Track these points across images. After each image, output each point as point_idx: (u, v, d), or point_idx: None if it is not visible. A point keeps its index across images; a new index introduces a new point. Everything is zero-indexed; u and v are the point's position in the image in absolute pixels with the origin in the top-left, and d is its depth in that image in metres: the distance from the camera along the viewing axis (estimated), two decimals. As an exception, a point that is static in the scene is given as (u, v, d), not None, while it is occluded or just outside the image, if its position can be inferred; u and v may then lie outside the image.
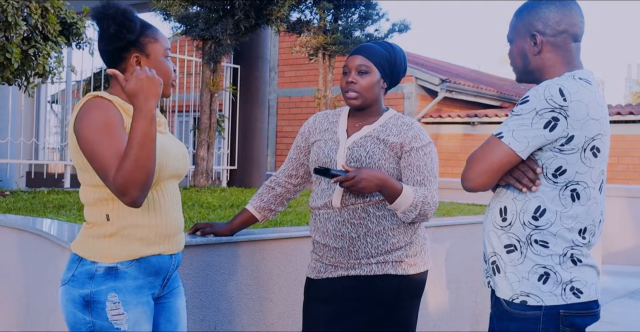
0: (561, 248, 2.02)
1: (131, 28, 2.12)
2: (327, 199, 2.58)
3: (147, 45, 2.19)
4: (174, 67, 2.29)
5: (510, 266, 2.06)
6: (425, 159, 2.57)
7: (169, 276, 2.27)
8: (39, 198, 5.01)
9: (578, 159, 1.99)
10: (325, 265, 2.62)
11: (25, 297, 3.37)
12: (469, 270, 4.71)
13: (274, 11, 6.20)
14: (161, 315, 2.28)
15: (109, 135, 2.00)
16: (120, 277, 2.10)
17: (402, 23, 7.29)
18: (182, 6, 6.40)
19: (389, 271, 2.56)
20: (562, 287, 2.01)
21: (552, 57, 2.12)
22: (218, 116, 6.77)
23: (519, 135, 1.97)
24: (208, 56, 6.42)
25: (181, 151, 2.30)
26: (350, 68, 2.60)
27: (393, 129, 2.60)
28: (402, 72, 2.68)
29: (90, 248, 2.12)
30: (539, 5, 2.13)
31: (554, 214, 2.01)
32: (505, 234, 2.08)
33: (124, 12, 2.11)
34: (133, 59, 2.18)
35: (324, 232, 2.60)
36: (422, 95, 13.54)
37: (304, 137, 2.77)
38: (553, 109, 1.95)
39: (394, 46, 2.66)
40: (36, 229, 3.26)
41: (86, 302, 2.07)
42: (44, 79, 5.37)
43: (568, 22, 2.10)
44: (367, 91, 2.58)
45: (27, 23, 4.84)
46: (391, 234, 2.56)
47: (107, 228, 2.11)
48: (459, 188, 2.13)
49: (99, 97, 2.10)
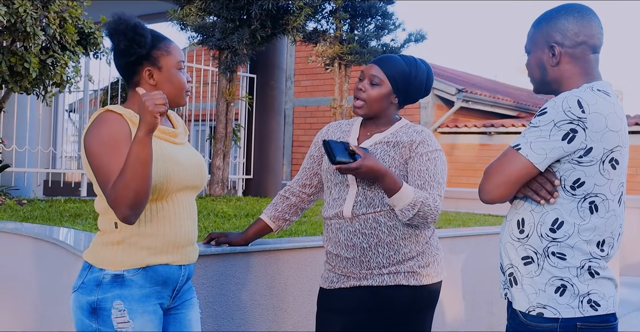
0: (579, 260, 2.00)
1: (141, 43, 2.15)
2: (338, 209, 2.57)
3: (159, 58, 2.22)
4: (189, 78, 2.30)
5: (527, 278, 2.04)
6: (428, 164, 2.53)
7: (179, 287, 2.26)
8: (56, 207, 5.04)
9: (597, 171, 1.98)
10: (338, 275, 2.60)
11: (41, 306, 3.38)
12: (485, 281, 4.67)
13: (291, 21, 6.22)
14: (172, 326, 2.28)
15: (112, 150, 2.04)
16: (126, 285, 2.11)
17: (419, 33, 7.29)
18: (198, 16, 6.44)
19: (400, 282, 2.54)
20: (580, 300, 1.99)
21: (571, 69, 2.10)
22: (234, 125, 6.79)
23: (536, 147, 1.95)
24: (224, 66, 6.45)
25: (196, 162, 2.29)
26: (364, 76, 2.60)
27: (404, 136, 2.59)
28: (421, 92, 2.63)
29: (98, 255, 2.14)
30: (557, 16, 2.11)
31: (572, 226, 1.99)
32: (522, 246, 2.06)
33: (134, 28, 2.13)
34: (145, 72, 2.21)
35: (336, 242, 2.59)
36: (438, 105, 13.51)
37: (317, 147, 2.77)
38: (571, 121, 1.93)
39: (420, 65, 2.61)
40: (52, 238, 3.28)
41: (93, 309, 2.09)
42: (62, 88, 5.41)
43: (587, 34, 2.08)
44: (373, 102, 2.56)
45: (46, 33, 4.89)
46: (402, 244, 2.54)
47: (114, 236, 2.13)
48: (475, 198, 2.12)
49: (110, 111, 2.14)
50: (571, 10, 2.10)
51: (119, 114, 2.14)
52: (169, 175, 2.15)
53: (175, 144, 2.25)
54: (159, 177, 2.12)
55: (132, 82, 2.24)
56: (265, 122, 8.40)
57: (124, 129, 2.10)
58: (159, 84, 2.22)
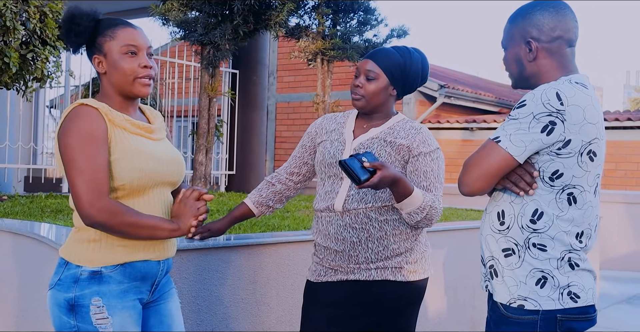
0: (559, 252, 2.02)
1: (78, 31, 2.11)
2: (330, 202, 2.57)
3: (104, 45, 2.15)
4: (146, 63, 2.16)
5: (508, 270, 2.06)
6: (433, 165, 2.55)
7: (158, 281, 2.24)
8: (37, 202, 5.01)
9: (575, 163, 1.99)
10: (326, 268, 2.61)
11: (22, 302, 3.36)
12: (467, 275, 4.71)
13: (273, 16, 6.20)
14: (153, 318, 2.26)
15: (89, 145, 2.01)
16: (104, 282, 2.08)
17: (401, 28, 7.30)
18: (181, 11, 6.40)
19: (387, 277, 2.54)
20: (560, 292, 2.01)
21: (548, 63, 2.12)
22: (217, 121, 6.76)
23: (516, 140, 1.97)
24: (207, 61, 6.42)
25: (175, 158, 2.26)
26: (360, 71, 2.60)
27: (401, 132, 2.58)
28: (418, 81, 2.63)
29: (75, 252, 2.11)
30: (533, 11, 2.12)
31: (551, 218, 2.01)
32: (503, 237, 2.07)
33: (71, 17, 2.11)
34: (94, 60, 2.17)
35: (326, 235, 2.59)
36: (420, 100, 13.55)
37: (310, 137, 2.76)
38: (550, 113, 1.95)
39: (413, 54, 2.61)
40: (33, 234, 3.26)
41: (71, 306, 2.07)
42: (42, 83, 5.37)
43: (563, 28, 2.10)
44: (372, 97, 2.57)
45: (26, 27, 4.84)
46: (392, 240, 2.54)
47: (91, 233, 2.10)
48: (457, 193, 2.12)
49: (85, 105, 2.09)
50: (546, 5, 2.11)
51: (94, 108, 2.09)
52: (144, 170, 2.11)
53: (151, 140, 2.21)
54: (133, 172, 2.09)
55: (97, 73, 2.21)
56: (247, 118, 8.38)
57: (100, 125, 2.06)
58: (108, 72, 2.15)
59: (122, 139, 2.10)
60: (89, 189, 1.98)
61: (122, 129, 2.12)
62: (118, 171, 2.07)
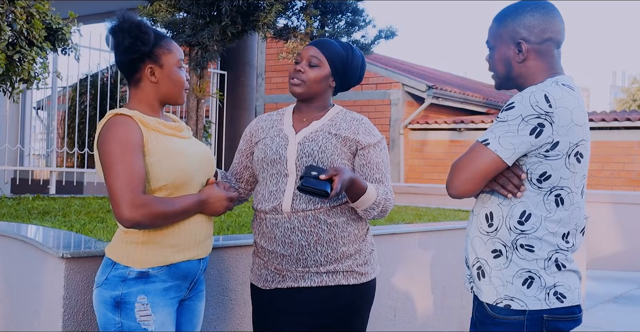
0: (546, 252, 2.03)
1: (145, 40, 2.22)
2: (277, 203, 2.47)
3: (161, 56, 2.29)
4: (187, 76, 2.39)
5: (495, 270, 2.06)
6: (382, 156, 2.53)
7: (196, 279, 2.36)
8: (24, 204, 4.98)
9: (563, 164, 2.00)
10: (272, 272, 2.52)
11: (9, 304, 3.35)
12: (455, 275, 4.73)
13: (261, 17, 6.20)
14: (184, 316, 2.38)
15: (130, 151, 2.12)
16: (150, 281, 2.20)
17: (389, 29, 7.32)
18: (168, 12, 6.39)
19: (340, 282, 2.48)
20: (546, 292, 2.02)
21: (537, 65, 2.11)
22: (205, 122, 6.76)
23: (505, 142, 1.97)
24: (195, 62, 6.41)
25: (206, 154, 2.40)
26: (302, 58, 2.55)
27: (343, 123, 2.53)
28: (356, 78, 2.62)
29: (123, 254, 2.22)
30: (523, 12, 2.10)
31: (538, 219, 2.02)
32: (491, 239, 2.08)
33: (138, 26, 2.22)
34: (147, 69, 2.28)
35: (271, 239, 2.49)
36: (409, 101, 13.58)
37: (245, 140, 2.70)
38: (539, 115, 1.94)
39: (355, 51, 2.60)
40: (20, 235, 3.24)
41: (117, 303, 2.18)
42: (29, 84, 5.34)
43: (553, 30, 2.09)
44: (312, 83, 2.52)
45: (12, 28, 4.82)
46: (341, 242, 2.48)
47: (140, 236, 2.21)
48: (445, 194, 2.13)
49: (120, 114, 2.21)
50: (537, 6, 2.10)
51: (128, 116, 2.21)
52: (184, 169, 2.23)
53: (183, 138, 2.34)
54: (174, 171, 2.20)
55: (133, 79, 2.31)
56: (236, 119, 8.37)
57: (136, 132, 2.18)
58: (160, 81, 2.30)
59: (158, 141, 2.23)
60: (125, 193, 2.08)
61: (157, 132, 2.25)
62: (159, 171, 2.19)
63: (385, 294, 4.17)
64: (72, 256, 2.64)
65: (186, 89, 2.37)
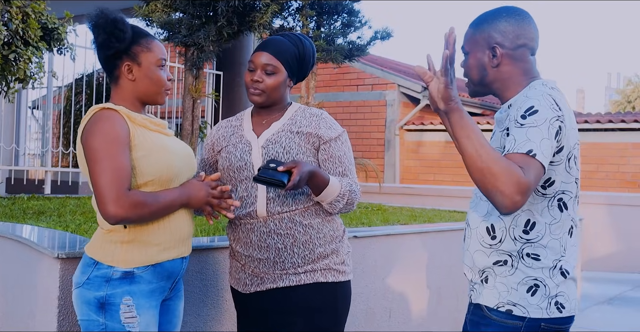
0: (551, 260, 2.00)
1: (120, 37, 2.18)
2: (251, 208, 2.45)
3: (139, 54, 2.25)
4: (170, 76, 2.33)
5: (500, 277, 2.04)
6: (344, 149, 2.50)
7: (178, 279, 2.33)
8: (19, 204, 4.97)
9: (563, 169, 1.98)
10: (250, 276, 2.49)
11: (4, 304, 3.34)
12: (450, 276, 4.73)
13: (257, 18, 6.20)
14: (164, 316, 2.34)
15: (110, 148, 2.08)
16: (135, 282, 2.16)
17: (385, 30, 7.34)
18: (164, 12, 6.39)
19: (318, 279, 2.45)
20: (548, 301, 2.00)
21: (511, 70, 2.09)
22: (200, 122, 6.75)
23: (545, 149, 1.84)
24: (190, 62, 6.41)
25: (188, 152, 2.37)
26: (256, 66, 2.47)
27: (303, 120, 2.50)
28: (310, 67, 2.58)
29: (107, 253, 2.17)
30: (498, 18, 2.09)
31: (543, 227, 1.99)
32: (495, 251, 2.04)
33: (113, 22, 2.17)
34: (125, 67, 2.24)
35: (247, 244, 2.47)
36: (404, 102, 13.60)
37: (207, 149, 2.64)
38: (557, 118, 1.89)
39: (304, 41, 2.54)
40: (16, 235, 3.23)
41: (101, 304, 2.13)
42: (25, 84, 5.34)
43: (527, 36, 2.08)
44: (272, 91, 2.47)
45: (8, 28, 4.81)
46: (317, 243, 2.46)
47: (124, 235, 2.17)
48: (442, 195, 2.14)
49: (106, 109, 2.17)
50: (511, 12, 2.09)
51: (115, 110, 2.17)
52: (171, 165, 2.21)
53: (167, 135, 2.32)
54: (161, 166, 2.18)
55: (113, 76, 2.28)
56: (231, 120, 8.36)
57: (122, 127, 2.15)
58: (138, 79, 2.26)
59: (145, 137, 2.20)
60: (111, 190, 2.04)
61: (143, 128, 2.22)
62: (145, 167, 2.16)
63: (381, 294, 4.18)
64: (67, 256, 2.64)
65: (167, 89, 2.31)
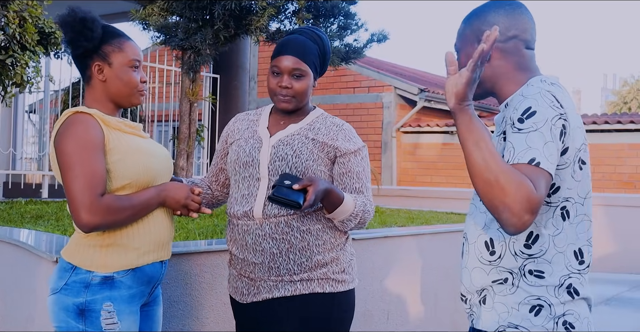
0: (557, 278, 1.79)
1: (88, 36, 2.13)
2: (248, 208, 2.36)
3: (110, 54, 2.20)
4: (144, 77, 2.27)
5: (500, 296, 1.83)
6: (363, 164, 2.42)
7: (157, 284, 2.29)
8: (17, 208, 4.97)
9: (568, 174, 1.77)
10: (247, 283, 2.41)
11: (3, 308, 3.35)
12: (448, 278, 4.74)
13: (254, 21, 6.21)
14: (144, 322, 2.30)
15: (84, 153, 2.03)
16: (115, 287, 2.11)
17: (381, 33, 7.34)
18: (161, 16, 6.40)
19: (315, 289, 2.36)
20: (555, 321, 1.78)
21: (504, 65, 1.90)
22: (197, 126, 6.75)
23: (549, 155, 1.66)
24: (187, 66, 6.42)
25: (166, 155, 2.33)
26: (282, 70, 2.37)
27: (322, 128, 2.42)
28: (328, 61, 2.52)
29: (85, 257, 2.12)
30: (487, 10, 1.94)
31: (547, 239, 1.78)
32: (494, 268, 1.84)
33: (82, 20, 2.12)
34: (95, 67, 2.20)
35: (243, 246, 2.39)
36: (401, 104, 13.62)
37: (221, 141, 2.58)
38: (560, 116, 1.70)
39: (321, 36, 2.47)
40: (14, 240, 3.24)
41: (80, 310, 2.07)
42: (22, 88, 5.34)
43: (518, 27, 1.91)
44: (302, 96, 2.40)
45: (5, 32, 4.82)
46: (316, 250, 2.36)
47: (103, 239, 2.12)
48: (438, 197, 2.11)
49: (80, 113, 2.13)
50: (501, 4, 1.94)
51: (89, 114, 2.13)
52: (149, 167, 2.17)
53: (143, 138, 2.27)
54: (138, 169, 2.14)
55: (85, 76, 2.23)
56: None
57: (96, 131, 2.10)
58: (109, 80, 2.20)
59: (120, 140, 2.15)
60: (84, 197, 2.00)
61: (118, 131, 2.17)
62: (122, 170, 2.11)
63: (379, 297, 4.19)
64: (66, 260, 2.64)
65: (139, 90, 2.24)
